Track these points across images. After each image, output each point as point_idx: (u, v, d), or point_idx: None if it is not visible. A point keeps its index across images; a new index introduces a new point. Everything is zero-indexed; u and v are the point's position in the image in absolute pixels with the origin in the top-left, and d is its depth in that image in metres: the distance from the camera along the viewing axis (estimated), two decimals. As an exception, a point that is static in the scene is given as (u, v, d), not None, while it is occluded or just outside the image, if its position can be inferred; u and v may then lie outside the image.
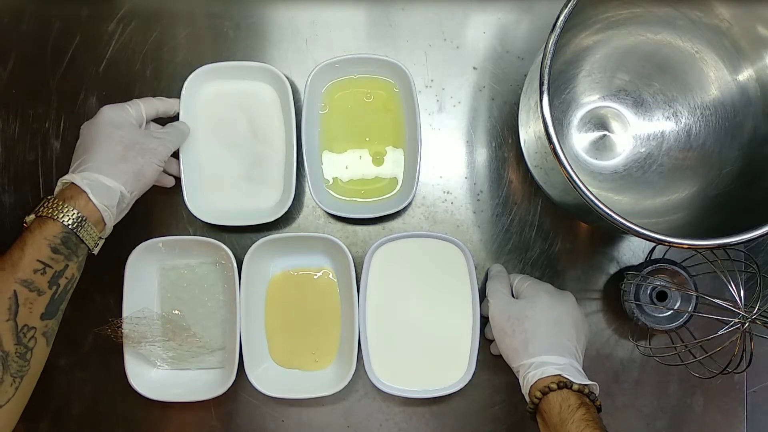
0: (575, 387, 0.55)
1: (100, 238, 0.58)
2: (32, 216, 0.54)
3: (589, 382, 0.56)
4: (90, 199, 0.55)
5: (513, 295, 0.65)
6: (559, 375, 0.56)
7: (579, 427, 0.52)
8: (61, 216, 0.53)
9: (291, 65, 0.71)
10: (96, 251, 0.58)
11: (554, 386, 0.55)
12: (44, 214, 0.54)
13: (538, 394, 0.55)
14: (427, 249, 0.68)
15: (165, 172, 0.67)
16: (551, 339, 0.59)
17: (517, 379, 0.60)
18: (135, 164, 0.57)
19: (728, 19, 0.59)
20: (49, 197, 0.55)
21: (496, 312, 0.62)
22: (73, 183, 0.55)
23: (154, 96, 0.69)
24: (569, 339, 0.60)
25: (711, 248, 0.52)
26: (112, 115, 0.59)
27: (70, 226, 0.53)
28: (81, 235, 0.54)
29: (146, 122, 0.63)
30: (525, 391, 0.58)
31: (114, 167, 0.56)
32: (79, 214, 0.54)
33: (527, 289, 0.64)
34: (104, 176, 0.56)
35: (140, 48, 0.71)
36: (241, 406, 0.69)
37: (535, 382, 0.56)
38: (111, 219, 0.57)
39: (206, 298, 0.69)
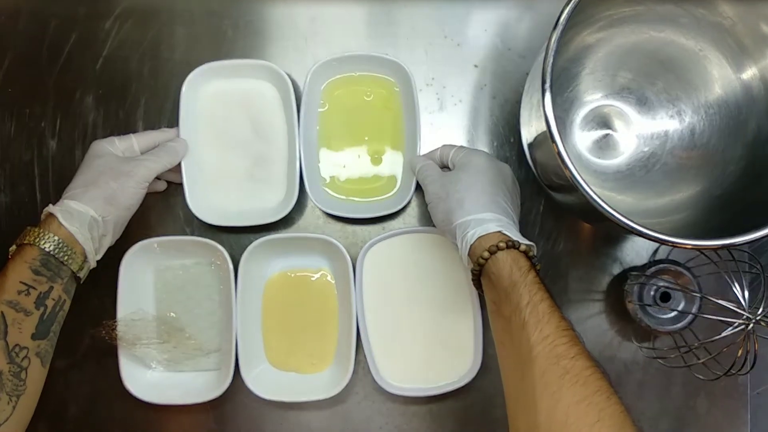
0: (523, 248, 0.52)
1: (85, 261, 0.58)
2: (14, 246, 0.57)
3: (532, 243, 0.54)
4: (61, 223, 0.56)
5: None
6: (503, 233, 0.53)
7: (531, 290, 0.50)
8: (38, 241, 0.56)
9: (290, 63, 0.70)
10: (81, 275, 0.59)
11: (503, 245, 0.52)
12: (24, 242, 0.56)
13: (486, 254, 0.52)
14: (420, 244, 0.68)
15: (161, 179, 0.68)
16: (487, 197, 0.57)
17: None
18: (106, 189, 0.59)
19: (732, 16, 0.59)
20: (28, 227, 0.57)
21: (429, 182, 0.61)
22: (50, 212, 0.58)
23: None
24: (505, 201, 0.58)
25: (715, 249, 0.52)
26: (97, 148, 0.62)
27: (46, 249, 0.55)
28: (60, 258, 0.56)
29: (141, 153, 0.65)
30: (464, 252, 0.55)
31: (84, 193, 0.58)
32: (55, 237, 0.56)
33: (462, 158, 0.61)
34: (74, 201, 0.58)
35: (137, 46, 0.70)
36: (239, 409, 0.69)
37: (477, 240, 0.53)
38: (87, 242, 0.58)
39: (202, 300, 0.68)
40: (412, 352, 0.67)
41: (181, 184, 0.67)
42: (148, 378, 0.67)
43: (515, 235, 0.54)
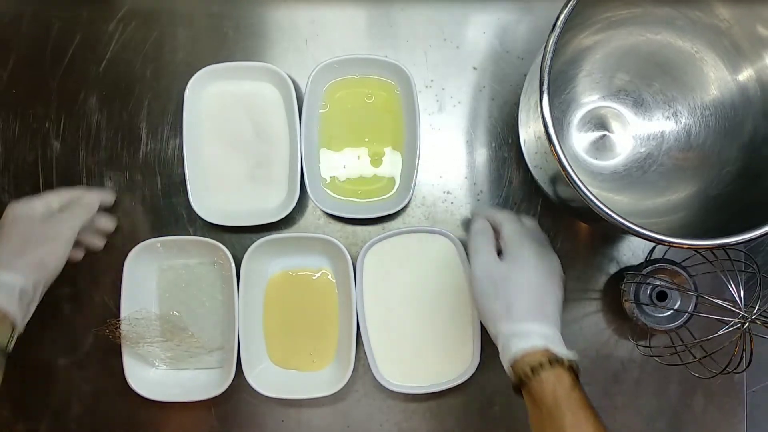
0: (566, 363, 0.52)
1: (13, 331, 0.56)
2: None
3: (574, 356, 0.53)
4: None
5: (496, 250, 0.60)
6: (548, 348, 0.52)
7: (575, 410, 0.50)
8: None
9: (291, 65, 0.71)
10: (9, 347, 0.56)
11: (546, 363, 0.51)
12: None
13: (528, 371, 0.51)
14: (418, 243, 0.69)
15: (82, 243, 0.67)
16: (535, 304, 0.55)
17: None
18: (34, 256, 0.58)
19: (728, 19, 0.59)
20: None
21: (479, 271, 0.57)
22: None
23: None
24: (553, 304, 0.56)
25: (711, 248, 0.52)
26: (15, 211, 0.61)
27: None
28: None
29: (60, 210, 0.63)
30: (506, 359, 0.54)
31: (11, 262, 0.57)
32: None
33: (512, 248, 0.58)
34: (3, 271, 0.56)
35: (140, 48, 0.71)
36: (241, 406, 0.69)
37: (521, 354, 0.52)
38: (16, 313, 0.56)
39: (204, 299, 0.69)
40: (411, 350, 0.68)
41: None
42: (152, 376, 0.68)
43: (559, 348, 0.53)
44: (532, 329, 0.54)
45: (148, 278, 0.69)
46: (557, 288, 0.58)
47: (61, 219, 0.61)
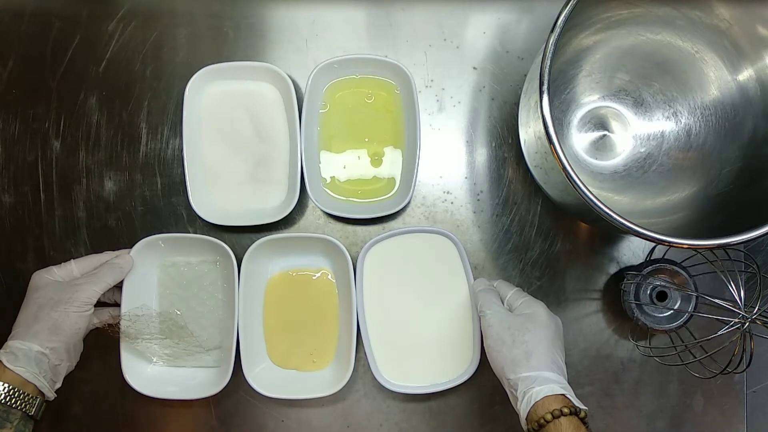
0: (582, 414, 0.53)
1: (39, 397, 0.57)
2: None
3: (586, 408, 0.55)
4: (6, 366, 0.56)
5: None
6: (566, 397, 0.54)
7: None
8: None
9: (291, 65, 0.71)
10: (34, 411, 0.57)
11: (567, 411, 0.53)
12: None
13: (549, 416, 0.52)
14: (418, 243, 0.69)
15: (110, 302, 0.67)
16: (551, 356, 0.57)
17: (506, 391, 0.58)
18: (48, 321, 0.58)
19: (728, 19, 0.59)
20: None
21: (495, 321, 0.60)
22: None
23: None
24: (563, 360, 0.59)
25: (711, 248, 0.52)
26: (36, 280, 0.62)
27: None
28: (8, 403, 0.55)
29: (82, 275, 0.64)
30: (524, 404, 0.55)
31: (27, 329, 0.58)
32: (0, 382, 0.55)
33: (524, 305, 0.62)
34: (18, 341, 0.57)
35: (140, 48, 0.71)
36: (241, 406, 0.69)
37: (541, 399, 0.54)
38: (38, 378, 0.57)
39: (205, 297, 0.69)
40: (411, 350, 0.68)
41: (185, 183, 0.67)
42: (149, 372, 0.67)
43: (575, 399, 0.54)
44: (551, 376, 0.55)
45: (150, 274, 0.69)
46: (562, 348, 0.60)
47: (81, 283, 0.61)
